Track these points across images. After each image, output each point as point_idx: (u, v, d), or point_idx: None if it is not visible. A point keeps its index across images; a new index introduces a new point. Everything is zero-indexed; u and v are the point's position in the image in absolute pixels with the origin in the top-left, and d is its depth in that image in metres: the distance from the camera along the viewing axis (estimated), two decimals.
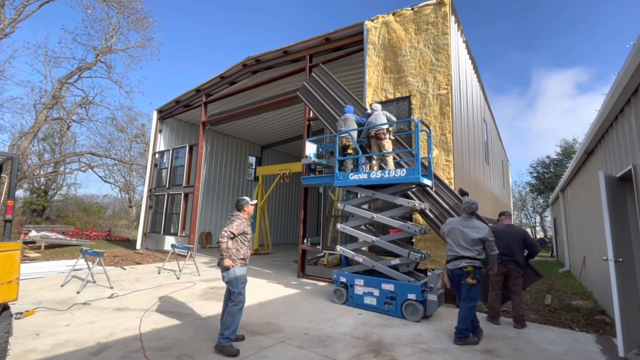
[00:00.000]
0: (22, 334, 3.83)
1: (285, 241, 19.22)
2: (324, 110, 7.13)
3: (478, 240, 4.05)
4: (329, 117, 6.98)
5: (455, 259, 4.12)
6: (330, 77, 7.28)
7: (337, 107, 6.97)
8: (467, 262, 4.02)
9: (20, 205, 18.93)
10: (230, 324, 3.51)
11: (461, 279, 4.04)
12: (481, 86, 10.76)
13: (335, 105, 7.02)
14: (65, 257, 10.24)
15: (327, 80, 7.29)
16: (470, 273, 3.96)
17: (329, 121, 6.98)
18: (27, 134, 17.48)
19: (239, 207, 3.85)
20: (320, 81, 7.33)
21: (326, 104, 7.11)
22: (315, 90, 7.35)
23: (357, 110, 6.76)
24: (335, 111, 6.96)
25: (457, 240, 4.15)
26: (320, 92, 7.28)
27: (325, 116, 7.06)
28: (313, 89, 7.39)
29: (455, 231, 4.19)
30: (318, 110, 7.22)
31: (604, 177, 3.97)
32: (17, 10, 15.99)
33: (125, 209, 27.70)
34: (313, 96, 7.35)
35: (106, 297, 5.62)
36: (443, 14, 6.65)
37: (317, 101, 7.28)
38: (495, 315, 4.84)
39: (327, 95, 7.15)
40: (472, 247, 4.05)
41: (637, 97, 3.87)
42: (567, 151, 23.74)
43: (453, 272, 4.15)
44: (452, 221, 4.40)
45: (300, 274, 8.02)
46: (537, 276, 5.10)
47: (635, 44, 3.24)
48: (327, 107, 7.08)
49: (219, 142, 15.82)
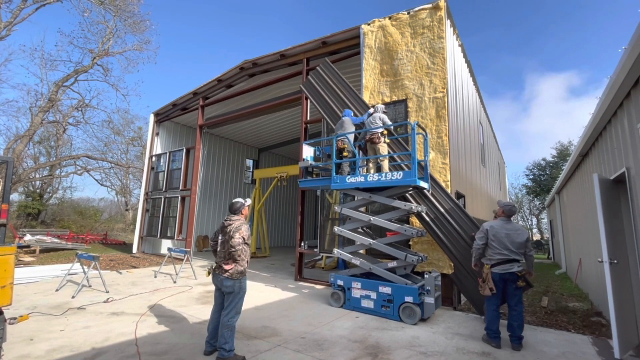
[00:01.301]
0: (16, 340, 3.79)
1: (283, 244, 19.17)
2: (327, 107, 7.09)
3: (523, 243, 4.13)
4: (332, 114, 6.96)
5: (505, 262, 4.07)
6: (335, 73, 7.22)
7: (341, 103, 6.95)
8: (518, 265, 4.07)
9: (15, 209, 18.77)
10: (229, 337, 3.35)
11: (512, 282, 4.04)
12: (477, 89, 10.84)
13: (338, 102, 6.99)
14: (60, 261, 10.15)
15: (331, 76, 7.24)
16: (522, 276, 4.03)
17: (331, 118, 6.95)
18: (23, 137, 17.37)
19: (236, 210, 3.61)
20: (325, 76, 7.28)
21: (330, 100, 7.08)
22: (319, 85, 7.30)
23: (360, 109, 6.77)
24: (338, 108, 6.94)
25: (504, 243, 4.10)
26: (325, 87, 7.24)
27: (328, 113, 7.03)
28: (317, 83, 7.34)
29: (501, 235, 4.15)
30: (321, 106, 7.18)
31: (598, 180, 4.01)
32: (13, 13, 15.95)
33: (122, 212, 27.52)
34: (317, 91, 7.29)
35: (101, 301, 5.57)
36: (439, 18, 6.71)
37: (320, 97, 7.22)
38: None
39: (331, 91, 7.11)
40: (519, 250, 4.11)
41: (630, 100, 3.92)
42: (563, 153, 23.93)
43: (502, 275, 4.07)
44: (493, 225, 4.28)
45: (297, 277, 7.99)
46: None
47: (626, 48, 3.28)
48: (330, 104, 7.05)
49: (216, 145, 15.80)
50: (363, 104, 6.74)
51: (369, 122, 6.00)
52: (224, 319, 3.39)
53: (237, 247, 3.37)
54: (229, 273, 3.42)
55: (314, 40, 8.42)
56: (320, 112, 7.23)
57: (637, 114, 3.66)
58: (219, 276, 3.48)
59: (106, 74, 19.52)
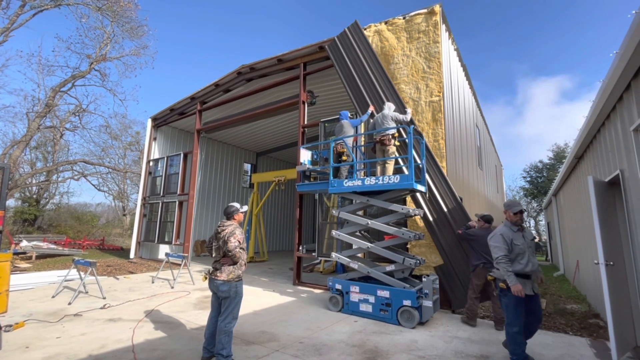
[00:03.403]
0: (11, 347, 3.75)
1: (281, 248, 19.12)
2: (351, 80, 6.39)
3: None
4: (358, 93, 6.26)
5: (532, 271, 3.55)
6: (365, 43, 6.35)
7: (367, 81, 6.17)
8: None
9: (12, 215, 18.64)
10: (226, 343, 3.33)
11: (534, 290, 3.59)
12: (473, 92, 10.93)
13: (365, 78, 6.19)
14: (57, 267, 10.07)
15: (361, 46, 6.37)
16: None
17: (354, 92, 6.28)
18: (19, 143, 17.30)
19: (230, 215, 3.62)
20: (354, 43, 6.46)
21: (355, 73, 6.34)
22: (347, 53, 6.49)
23: (392, 100, 6.41)
24: (364, 85, 6.26)
25: (525, 251, 3.55)
26: (352, 57, 6.44)
27: (352, 86, 6.30)
28: (345, 49, 6.51)
29: (518, 243, 3.57)
30: (345, 77, 6.46)
31: (593, 182, 4.04)
32: (10, 19, 15.95)
33: (119, 217, 27.39)
34: (343, 59, 6.49)
35: (98, 307, 5.54)
36: (434, 23, 6.79)
37: (345, 66, 6.46)
38: (473, 317, 4.98)
39: (359, 63, 6.29)
40: None
41: (622, 104, 3.97)
42: (559, 156, 24.10)
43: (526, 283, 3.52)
44: (505, 232, 3.61)
45: (296, 281, 7.97)
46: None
47: (618, 52, 3.33)
48: (355, 78, 6.34)
49: (214, 149, 15.81)
50: (396, 96, 6.33)
51: (381, 123, 5.83)
52: (221, 324, 3.38)
53: (234, 251, 3.38)
54: (224, 277, 3.42)
55: (311, 45, 8.48)
56: (343, 82, 6.72)
57: (630, 117, 3.70)
58: (215, 281, 3.47)
59: (104, 79, 19.50)
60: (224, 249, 3.48)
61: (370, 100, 6.79)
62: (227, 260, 3.46)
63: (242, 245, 3.51)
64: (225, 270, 3.45)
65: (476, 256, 5.02)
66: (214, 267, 3.57)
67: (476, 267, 4.98)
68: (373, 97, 6.80)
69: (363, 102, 6.86)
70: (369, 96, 6.80)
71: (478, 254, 4.99)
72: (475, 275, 4.99)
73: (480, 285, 4.95)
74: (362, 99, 6.71)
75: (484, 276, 4.80)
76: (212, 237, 3.69)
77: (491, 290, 4.91)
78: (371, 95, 6.79)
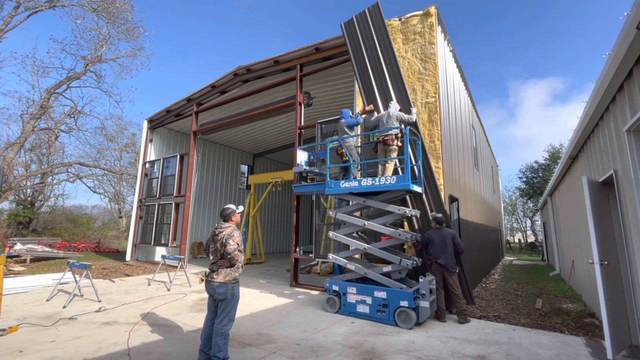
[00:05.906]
0: (5, 352, 3.71)
1: (278, 250, 19.07)
2: (364, 69, 6.13)
3: None
4: (367, 83, 6.05)
5: None
6: (384, 30, 5.98)
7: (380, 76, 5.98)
8: None
9: (6, 218, 18.45)
10: (223, 345, 3.32)
11: None
12: (469, 93, 10.99)
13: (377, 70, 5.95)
14: (51, 270, 9.98)
15: (378, 32, 5.98)
16: None
17: (365, 87, 6.11)
18: (14, 145, 17.14)
19: (226, 217, 3.60)
20: (372, 27, 6.05)
21: (369, 64, 6.08)
22: (363, 36, 6.13)
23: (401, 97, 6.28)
24: (376, 80, 6.11)
25: None
26: (367, 42, 6.09)
27: (363, 78, 6.06)
28: (362, 32, 6.14)
29: None
30: (357, 65, 6.20)
31: (587, 182, 4.08)
32: (4, 20, 15.84)
33: (115, 219, 27.19)
34: (358, 42, 6.18)
35: (94, 311, 5.49)
36: (429, 25, 6.82)
37: (360, 52, 6.13)
38: (442, 314, 5.17)
39: (374, 52, 6.00)
40: None
41: (615, 104, 4.01)
42: (554, 156, 24.30)
43: None
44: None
45: (293, 283, 7.96)
46: (471, 300, 5.60)
47: (610, 54, 3.37)
48: (368, 68, 6.09)
49: (211, 150, 15.76)
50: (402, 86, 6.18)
51: (385, 122, 5.81)
52: (218, 326, 3.36)
53: (233, 253, 3.37)
54: (221, 280, 3.40)
55: (308, 46, 8.49)
56: (354, 66, 6.52)
57: (623, 118, 3.74)
58: (211, 283, 3.46)
59: (99, 80, 19.40)
60: (221, 251, 3.47)
61: (379, 91, 6.54)
62: (224, 262, 3.46)
63: (240, 248, 3.50)
64: (222, 272, 3.44)
65: (430, 255, 5.36)
66: (211, 269, 3.55)
67: (431, 265, 5.32)
68: (381, 90, 6.60)
69: (371, 93, 6.62)
70: (377, 88, 6.57)
71: (429, 253, 5.35)
72: (432, 272, 5.31)
73: (440, 281, 5.23)
74: (371, 90, 6.48)
75: (440, 272, 5.21)
76: (209, 239, 3.67)
77: (448, 284, 5.20)
78: (380, 88, 6.59)
